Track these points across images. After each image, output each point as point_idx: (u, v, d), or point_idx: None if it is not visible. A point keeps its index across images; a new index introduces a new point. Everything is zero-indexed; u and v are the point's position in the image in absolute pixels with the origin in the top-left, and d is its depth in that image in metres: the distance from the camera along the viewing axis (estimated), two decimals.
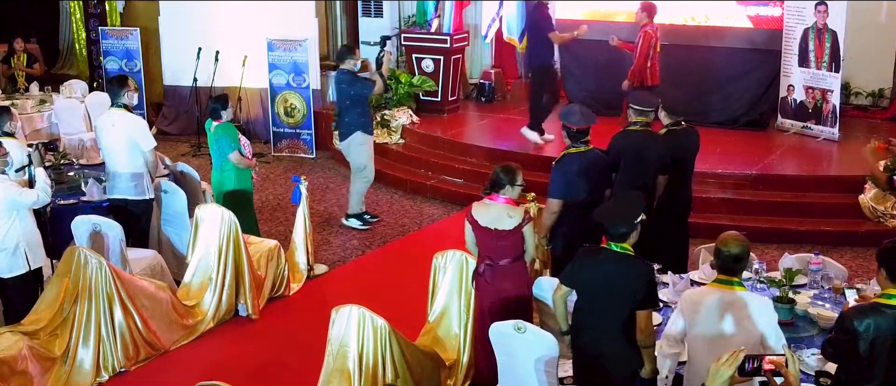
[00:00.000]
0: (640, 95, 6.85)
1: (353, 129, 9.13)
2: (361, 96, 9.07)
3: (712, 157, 9.60)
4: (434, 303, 6.38)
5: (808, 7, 10.51)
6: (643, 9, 9.85)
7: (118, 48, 13.10)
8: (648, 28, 9.72)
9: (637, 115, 6.65)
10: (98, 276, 6.31)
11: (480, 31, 13.38)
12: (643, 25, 9.77)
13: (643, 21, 9.79)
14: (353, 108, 9.09)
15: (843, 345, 4.16)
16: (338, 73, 9.21)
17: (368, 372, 5.38)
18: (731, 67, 11.25)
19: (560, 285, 4.99)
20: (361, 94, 9.05)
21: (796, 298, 5.38)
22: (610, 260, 4.74)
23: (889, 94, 11.87)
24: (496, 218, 5.53)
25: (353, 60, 9.10)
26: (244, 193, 7.93)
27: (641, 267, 4.73)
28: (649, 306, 4.70)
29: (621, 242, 4.73)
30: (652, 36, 9.70)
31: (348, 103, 9.09)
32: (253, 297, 7.21)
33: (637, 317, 4.65)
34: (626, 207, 4.88)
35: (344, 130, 9.22)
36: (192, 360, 6.67)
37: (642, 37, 9.69)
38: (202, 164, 10.44)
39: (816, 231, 8.83)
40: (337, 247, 8.90)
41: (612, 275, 4.71)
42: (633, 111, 6.66)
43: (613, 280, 4.71)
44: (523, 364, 5.09)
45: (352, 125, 9.13)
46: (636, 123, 6.65)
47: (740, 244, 4.43)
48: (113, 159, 7.45)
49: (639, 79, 9.74)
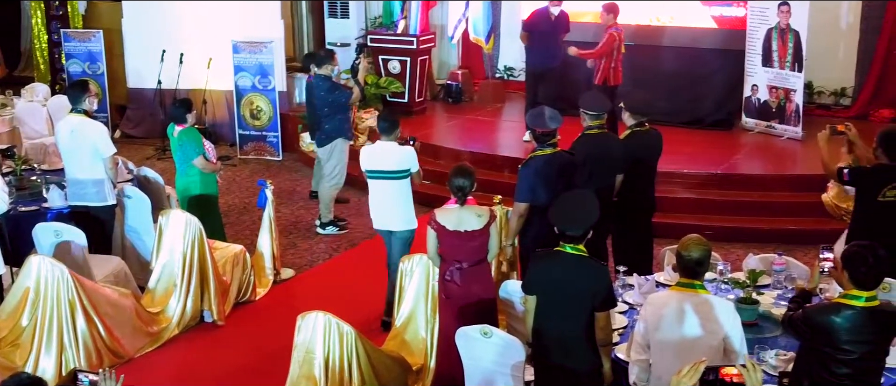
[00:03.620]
0: (591, 99, 6.82)
1: (335, 135, 9.08)
2: (341, 103, 9.01)
3: (678, 157, 9.65)
4: (401, 307, 6.36)
5: (770, 7, 10.61)
6: (608, 10, 9.90)
7: (81, 50, 12.93)
8: (613, 29, 9.77)
9: (592, 119, 6.65)
10: (60, 284, 6.23)
11: (447, 32, 13.36)
12: (608, 26, 9.81)
13: (609, 22, 9.84)
14: (332, 115, 9.04)
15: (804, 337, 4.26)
16: (315, 79, 9.15)
17: (335, 378, 5.37)
18: (696, 67, 11.35)
19: (525, 296, 4.99)
20: (340, 101, 9.00)
21: (760, 299, 5.40)
22: (565, 262, 4.75)
23: (851, 93, 12.00)
24: (462, 220, 5.54)
25: (330, 66, 9.05)
26: (209, 197, 7.86)
27: (597, 268, 4.75)
28: (608, 307, 4.72)
29: (577, 244, 4.74)
30: (616, 37, 9.75)
31: (327, 110, 9.03)
32: (218, 303, 7.15)
33: (596, 318, 4.67)
34: (580, 210, 4.86)
35: (324, 137, 9.15)
36: (156, 367, 6.60)
37: (607, 37, 9.74)
38: (167, 168, 10.32)
39: (781, 230, 8.92)
40: (304, 250, 8.85)
41: (569, 277, 4.73)
42: (587, 115, 6.66)
43: (570, 283, 4.72)
44: (490, 369, 5.09)
45: (333, 132, 9.08)
46: (593, 127, 6.66)
47: (702, 248, 4.45)
48: (73, 165, 7.34)
49: (601, 79, 9.79)
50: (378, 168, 6.82)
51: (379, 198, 6.90)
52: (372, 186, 6.94)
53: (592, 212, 4.81)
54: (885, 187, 5.98)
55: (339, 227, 9.33)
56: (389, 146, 6.82)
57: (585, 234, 4.76)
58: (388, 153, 6.80)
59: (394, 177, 6.80)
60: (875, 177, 6.03)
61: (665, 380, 4.42)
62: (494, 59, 13.58)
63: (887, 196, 6.00)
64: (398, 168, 6.77)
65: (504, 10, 13.09)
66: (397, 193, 6.81)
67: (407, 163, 6.78)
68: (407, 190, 6.83)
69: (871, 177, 6.06)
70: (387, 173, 6.80)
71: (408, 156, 6.78)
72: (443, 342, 5.78)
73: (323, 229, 9.31)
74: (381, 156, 6.81)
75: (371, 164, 6.86)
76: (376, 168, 6.83)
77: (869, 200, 6.06)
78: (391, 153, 6.79)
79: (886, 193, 5.99)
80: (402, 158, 6.77)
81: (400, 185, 6.81)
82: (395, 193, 6.82)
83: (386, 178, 6.81)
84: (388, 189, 6.82)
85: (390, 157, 6.78)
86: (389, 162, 6.77)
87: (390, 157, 6.78)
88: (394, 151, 6.80)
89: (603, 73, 9.83)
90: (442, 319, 5.82)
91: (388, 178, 6.80)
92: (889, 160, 6.00)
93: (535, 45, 10.46)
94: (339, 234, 9.26)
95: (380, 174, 6.83)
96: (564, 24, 10.50)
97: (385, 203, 6.87)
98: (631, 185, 6.77)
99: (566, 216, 4.83)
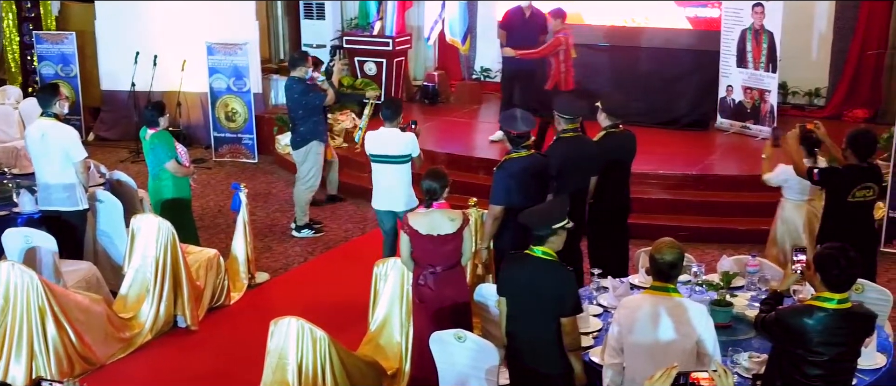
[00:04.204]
0: (565, 103, 6.84)
1: (309, 138, 9.04)
2: (315, 106, 8.98)
3: (653, 158, 9.67)
4: (375, 312, 6.34)
5: (744, 8, 10.66)
6: (555, 15, 9.96)
7: (53, 53, 12.81)
8: (560, 34, 9.78)
9: (567, 123, 6.65)
10: (29, 290, 6.15)
11: (423, 33, 13.33)
12: (556, 32, 9.82)
13: (556, 27, 9.84)
14: (307, 117, 9.00)
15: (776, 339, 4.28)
16: (289, 81, 9.10)
17: (308, 383, 5.34)
18: (671, 68, 11.38)
19: (499, 298, 4.99)
20: (314, 104, 8.97)
21: (734, 301, 5.42)
22: (534, 266, 4.75)
23: (825, 93, 12.08)
24: (435, 224, 5.52)
25: (304, 68, 9.00)
26: (182, 201, 7.79)
27: (563, 273, 4.74)
28: (573, 313, 4.70)
29: (541, 245, 4.74)
30: (562, 41, 9.74)
31: (302, 113, 8.99)
32: (192, 307, 7.08)
33: (562, 324, 4.66)
34: (548, 211, 4.90)
35: (299, 140, 9.10)
36: (129, 373, 6.54)
37: (552, 40, 9.78)
38: (141, 171, 10.23)
39: (756, 230, 8.90)
40: (279, 254, 8.80)
41: (537, 281, 4.73)
42: (562, 119, 6.66)
43: (538, 287, 4.72)
44: (464, 372, 5.07)
45: (308, 134, 9.04)
46: (567, 130, 6.66)
47: (674, 251, 4.45)
48: (44, 170, 7.26)
49: (552, 84, 9.83)
50: (382, 153, 7.39)
51: (383, 181, 7.43)
52: (376, 170, 7.50)
53: (557, 214, 4.79)
54: (854, 188, 6.02)
55: (314, 230, 9.28)
56: (393, 132, 7.39)
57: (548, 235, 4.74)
58: (392, 139, 7.37)
59: (397, 161, 7.37)
60: (845, 177, 6.07)
61: (638, 383, 4.42)
62: (471, 60, 13.58)
63: (856, 196, 6.05)
64: (400, 153, 7.33)
65: (480, 10, 13.08)
66: (401, 175, 7.39)
67: (409, 148, 7.32)
68: (408, 173, 7.42)
69: (840, 177, 6.10)
70: (390, 158, 7.36)
71: (410, 141, 7.34)
72: (417, 346, 5.76)
73: (298, 232, 9.26)
74: (385, 141, 7.38)
75: (375, 148, 7.44)
76: (380, 153, 7.40)
77: (839, 201, 6.10)
78: (394, 139, 7.35)
79: (856, 194, 6.04)
80: (405, 144, 7.32)
81: (403, 169, 7.40)
82: (398, 176, 7.38)
83: (390, 163, 7.37)
84: (392, 173, 7.39)
85: (393, 143, 7.34)
86: (393, 147, 7.34)
87: (393, 142, 7.35)
88: (397, 137, 7.36)
89: (553, 78, 9.85)
90: (416, 323, 5.81)
91: (392, 162, 7.37)
92: (858, 161, 6.04)
93: (510, 45, 10.44)
94: (315, 237, 9.22)
95: (384, 158, 7.39)
96: (540, 23, 10.43)
97: (389, 186, 7.39)
98: (606, 187, 6.77)
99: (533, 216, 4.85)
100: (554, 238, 4.75)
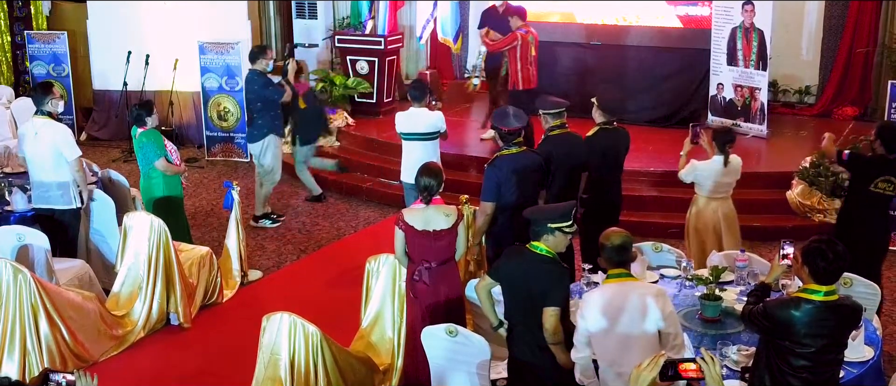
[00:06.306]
0: (547, 100, 6.86)
1: (266, 131, 9.10)
2: (273, 100, 9.03)
3: (644, 155, 9.72)
4: (367, 308, 6.35)
5: (735, 6, 10.71)
6: (512, 12, 10.01)
7: (45, 52, 12.80)
8: (520, 31, 9.75)
9: (553, 119, 6.68)
10: (22, 288, 6.16)
11: (415, 33, 13.36)
12: (516, 29, 9.79)
13: (516, 24, 9.82)
14: (265, 111, 9.07)
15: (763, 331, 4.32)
16: (250, 74, 9.14)
17: (300, 379, 5.34)
18: (662, 66, 11.42)
19: (485, 276, 5.06)
20: (273, 98, 9.02)
21: (723, 295, 5.45)
22: (530, 260, 4.78)
23: (815, 92, 12.15)
24: (430, 219, 5.54)
25: (264, 61, 9.03)
26: (174, 199, 7.79)
27: (556, 269, 4.76)
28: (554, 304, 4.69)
29: (537, 241, 4.77)
30: (518, 37, 9.71)
31: (260, 106, 9.05)
32: (184, 305, 7.10)
33: (543, 313, 4.68)
34: (552, 208, 4.97)
35: (256, 133, 9.17)
36: (121, 371, 6.54)
37: (509, 36, 9.79)
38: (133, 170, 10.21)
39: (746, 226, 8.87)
40: (272, 252, 8.82)
41: (529, 275, 4.76)
42: (548, 116, 6.68)
43: (530, 281, 4.75)
44: (456, 367, 5.10)
45: (265, 128, 9.10)
46: (554, 127, 6.69)
47: (622, 236, 4.56)
48: (37, 168, 7.25)
49: (512, 84, 9.86)
50: (411, 131, 7.91)
51: (413, 156, 7.76)
52: (406, 147, 8.03)
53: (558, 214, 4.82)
54: (877, 177, 6.12)
55: (272, 220, 9.46)
56: (420, 111, 7.93)
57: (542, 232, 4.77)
58: (420, 117, 7.90)
59: (425, 138, 7.88)
60: (871, 166, 6.22)
61: (615, 367, 4.46)
62: (462, 59, 13.62)
63: (879, 187, 6.14)
64: (429, 130, 7.86)
65: (472, 10, 13.12)
66: (430, 151, 7.83)
67: (436, 125, 7.87)
68: (437, 149, 7.96)
69: (866, 165, 6.26)
70: (419, 135, 7.88)
71: (436, 119, 7.90)
72: (410, 342, 5.79)
73: (256, 222, 9.39)
74: (415, 120, 7.91)
75: (405, 127, 7.96)
76: (410, 131, 7.92)
77: (861, 187, 6.22)
78: (422, 117, 7.90)
79: (878, 184, 6.13)
80: (432, 122, 7.87)
81: (432, 145, 7.90)
82: (428, 152, 7.79)
83: (419, 140, 7.87)
84: (421, 149, 7.83)
85: (421, 121, 7.87)
86: (421, 125, 7.86)
87: (421, 120, 7.88)
88: (424, 116, 7.92)
89: (512, 76, 9.86)
90: (409, 318, 5.83)
91: (421, 139, 7.87)
92: (886, 152, 6.12)
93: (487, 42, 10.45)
94: (276, 226, 9.39)
95: (413, 136, 7.91)
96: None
97: (420, 161, 7.24)
98: (597, 183, 6.80)
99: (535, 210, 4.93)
100: (550, 237, 4.76)
